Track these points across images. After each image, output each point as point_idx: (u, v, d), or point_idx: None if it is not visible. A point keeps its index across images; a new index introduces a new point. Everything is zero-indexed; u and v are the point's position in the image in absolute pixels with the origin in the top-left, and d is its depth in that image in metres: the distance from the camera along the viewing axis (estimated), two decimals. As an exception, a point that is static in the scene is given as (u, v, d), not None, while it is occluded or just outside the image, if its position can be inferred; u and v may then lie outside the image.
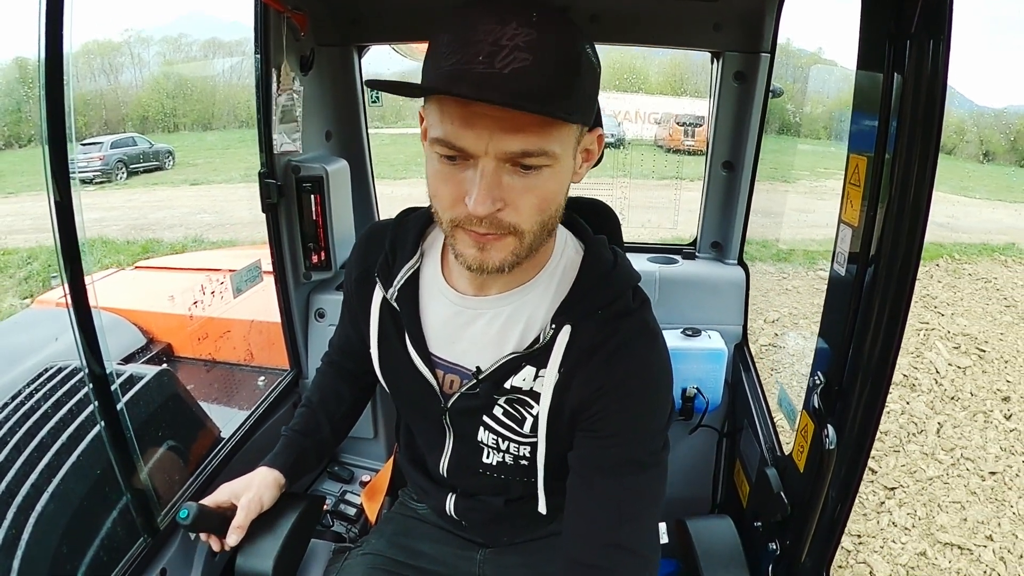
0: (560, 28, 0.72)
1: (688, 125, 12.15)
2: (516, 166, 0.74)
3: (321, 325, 1.84)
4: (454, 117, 0.72)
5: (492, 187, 0.74)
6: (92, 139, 12.18)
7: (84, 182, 11.15)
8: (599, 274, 0.92)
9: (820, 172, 11.10)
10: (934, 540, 3.07)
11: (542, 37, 0.70)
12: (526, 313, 0.92)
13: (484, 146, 0.72)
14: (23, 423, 1.48)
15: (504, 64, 0.69)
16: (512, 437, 0.98)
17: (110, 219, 9.34)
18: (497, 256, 0.80)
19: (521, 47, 0.69)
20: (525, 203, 0.77)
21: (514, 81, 0.69)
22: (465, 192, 0.75)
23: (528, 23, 0.70)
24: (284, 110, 1.55)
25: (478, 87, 0.69)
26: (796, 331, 5.28)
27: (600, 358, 0.89)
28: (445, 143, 0.74)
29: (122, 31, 22.32)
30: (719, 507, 1.93)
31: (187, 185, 12.24)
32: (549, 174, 0.76)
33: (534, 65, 0.70)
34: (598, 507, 0.88)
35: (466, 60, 0.70)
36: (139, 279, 3.31)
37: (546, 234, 0.83)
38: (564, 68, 0.73)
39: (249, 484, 1.06)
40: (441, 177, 0.77)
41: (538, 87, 0.70)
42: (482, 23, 0.70)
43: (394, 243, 1.01)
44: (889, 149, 0.86)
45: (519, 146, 0.72)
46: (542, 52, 0.70)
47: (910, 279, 0.87)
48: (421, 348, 0.98)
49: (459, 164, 0.75)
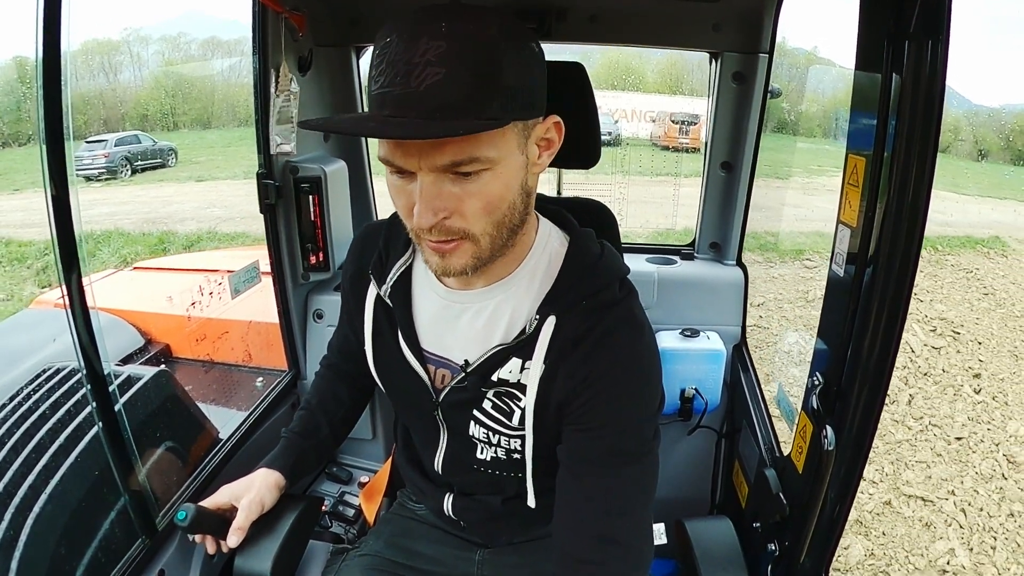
0: (471, 34, 0.72)
1: (683, 123, 12.60)
2: (455, 174, 0.76)
3: (319, 326, 1.84)
4: (387, 140, 0.76)
5: (431, 199, 0.76)
6: (97, 137, 12.31)
7: (88, 179, 11.43)
8: (584, 265, 0.92)
9: (813, 169, 11.32)
10: (899, 492, 3.33)
11: (452, 47, 0.71)
12: (511, 306, 0.93)
13: (416, 162, 0.75)
14: (21, 424, 1.47)
15: (419, 81, 0.70)
16: (502, 431, 0.98)
17: (121, 213, 9.62)
18: (458, 261, 0.83)
19: (432, 61, 0.70)
20: (469, 208, 0.78)
21: (429, 97, 0.71)
22: (414, 203, 0.78)
23: (438, 35, 0.71)
24: (280, 111, 1.55)
25: (396, 107, 0.72)
26: (780, 314, 5.62)
27: (585, 348, 0.89)
28: (387, 162, 0.77)
29: (121, 30, 22.35)
30: (718, 508, 1.93)
31: (193, 182, 12.45)
32: (489, 177, 0.78)
33: (446, 78, 0.70)
34: (588, 500, 0.88)
35: (387, 83, 0.72)
36: (137, 280, 3.30)
37: (507, 232, 0.84)
38: (481, 72, 0.72)
39: (250, 486, 1.06)
40: (395, 190, 0.81)
41: (454, 99, 0.71)
42: (398, 43, 0.72)
43: (387, 241, 1.03)
44: (888, 149, 0.85)
45: (448, 158, 0.74)
46: (454, 62, 0.71)
47: (909, 280, 0.87)
48: (412, 343, 0.99)
49: (405, 177, 0.78)
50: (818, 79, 13.86)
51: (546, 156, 0.87)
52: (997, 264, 7.96)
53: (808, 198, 9.20)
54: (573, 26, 1.63)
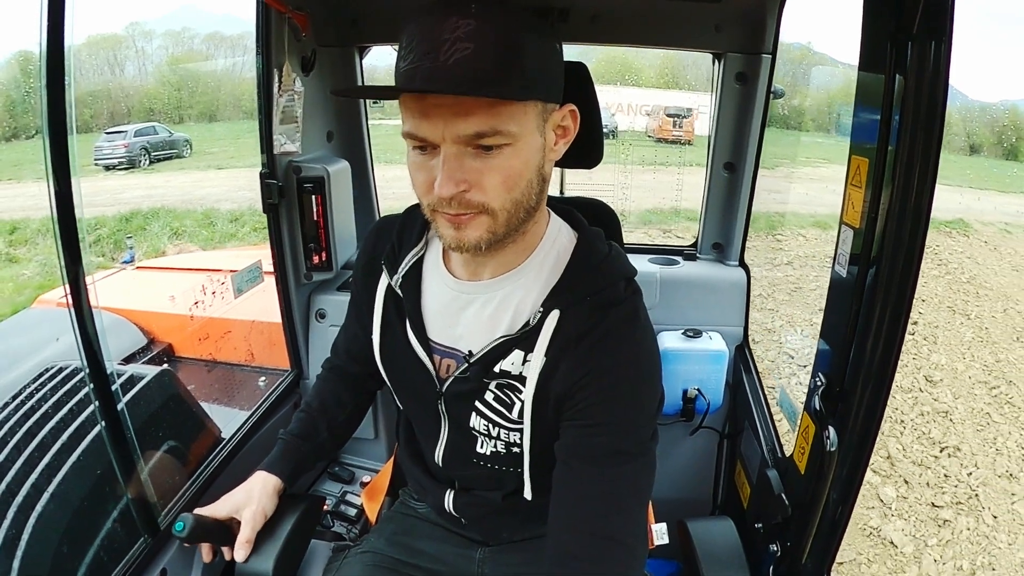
0: (498, 15, 0.77)
1: (676, 116, 13.13)
2: (477, 148, 0.80)
3: (322, 326, 1.84)
4: (414, 111, 0.79)
5: (454, 170, 0.79)
6: (117, 128, 13.19)
7: (108, 168, 12.19)
8: (591, 262, 0.94)
9: (800, 161, 11.87)
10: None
11: (481, 26, 0.76)
12: (517, 297, 0.94)
13: (441, 133, 0.78)
14: (24, 423, 1.48)
15: (448, 56, 0.75)
16: (502, 423, 0.99)
17: (157, 195, 10.50)
18: (473, 234, 0.84)
19: (462, 38, 0.75)
20: (489, 182, 0.81)
21: (457, 69, 0.75)
22: (434, 178, 0.80)
23: (468, 14, 0.76)
24: (284, 110, 1.55)
25: (427, 81, 0.76)
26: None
27: (586, 345, 0.90)
28: (411, 135, 0.81)
29: (127, 25, 22.55)
30: (720, 508, 1.93)
31: (214, 170, 13.13)
32: (510, 152, 0.81)
33: (474, 52, 0.75)
34: (584, 497, 0.88)
35: (417, 58, 0.77)
36: (140, 279, 3.31)
37: (523, 212, 0.86)
38: (505, 51, 0.77)
39: (250, 496, 1.05)
40: (415, 166, 0.84)
41: (480, 72, 0.76)
42: (429, 22, 0.77)
43: (401, 233, 1.05)
44: (890, 150, 0.85)
45: (472, 128, 0.77)
46: (482, 39, 0.76)
47: (911, 281, 0.87)
48: (420, 332, 1.00)
49: (428, 153, 0.82)
50: (812, 75, 14.23)
51: (562, 144, 0.90)
52: (957, 242, 9.24)
53: (790, 185, 9.90)
54: (575, 27, 1.63)
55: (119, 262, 7.95)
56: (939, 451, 4.12)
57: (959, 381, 5.07)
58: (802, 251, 8.01)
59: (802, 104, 13.04)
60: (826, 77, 14.72)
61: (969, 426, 4.44)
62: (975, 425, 4.45)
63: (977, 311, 6.65)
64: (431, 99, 0.77)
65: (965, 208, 10.69)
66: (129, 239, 8.52)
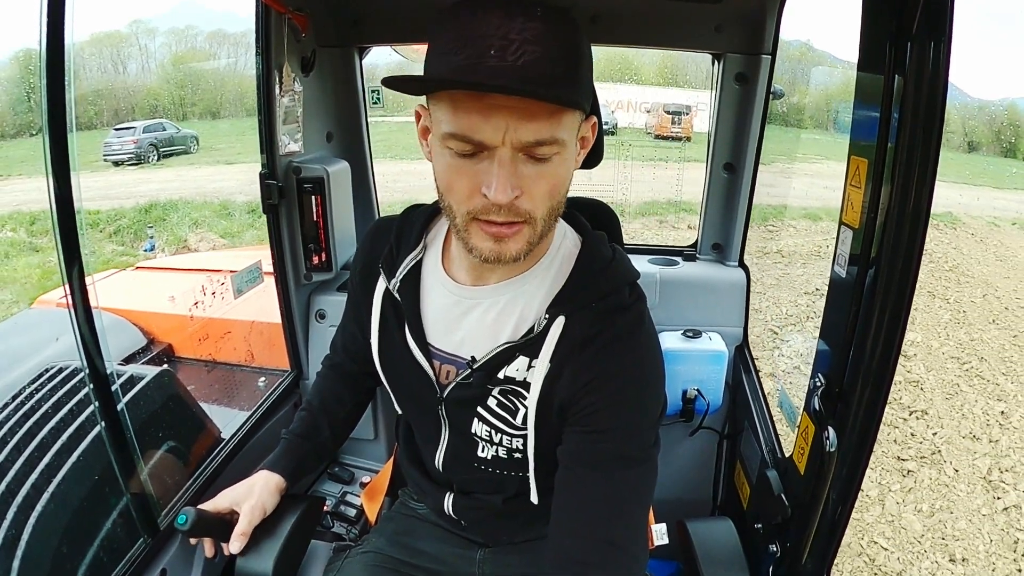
0: (564, 21, 0.76)
1: (675, 114, 13.50)
2: (529, 155, 0.77)
3: (322, 326, 1.84)
4: (470, 110, 0.74)
5: (511, 175, 0.77)
6: (126, 124, 13.65)
7: (116, 164, 12.57)
8: (596, 267, 0.93)
9: (797, 157, 12.20)
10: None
11: (548, 30, 0.74)
12: (521, 303, 0.94)
13: (501, 136, 0.74)
14: (23, 423, 1.47)
15: (516, 57, 0.72)
16: (505, 429, 0.98)
17: (171, 189, 10.84)
18: (514, 247, 0.83)
19: (530, 40, 0.73)
20: (538, 190, 0.80)
21: (528, 71, 0.72)
22: (481, 183, 0.78)
23: (534, 17, 0.73)
24: (286, 111, 1.55)
25: (494, 78, 0.72)
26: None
27: (591, 351, 0.89)
28: (462, 137, 0.76)
29: (130, 22, 22.71)
30: (720, 509, 1.93)
31: (223, 165, 13.41)
32: (559, 161, 0.79)
33: (544, 56, 0.73)
34: (586, 503, 0.87)
35: (477, 54, 0.73)
36: (140, 280, 3.31)
37: (554, 220, 0.86)
38: (570, 58, 0.76)
39: (251, 490, 1.06)
40: (455, 171, 0.79)
41: (550, 76, 0.74)
42: (489, 18, 0.73)
43: (399, 235, 1.03)
44: (890, 150, 0.85)
45: (535, 135, 0.75)
46: (550, 44, 0.74)
47: (911, 281, 0.87)
48: (419, 338, 0.99)
49: (474, 157, 0.78)
50: (811, 74, 14.46)
51: (582, 154, 0.89)
52: (944, 234, 9.56)
53: (785, 180, 10.29)
54: None
55: (141, 249, 8.54)
56: (908, 414, 4.34)
57: (932, 356, 5.32)
58: (791, 241, 8.48)
59: (801, 102, 13.29)
60: (824, 76, 15.02)
61: (938, 394, 4.64)
62: (944, 394, 4.66)
63: (957, 296, 6.90)
64: (493, 99, 0.73)
65: (955, 202, 10.99)
66: (150, 229, 9.30)
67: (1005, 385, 4.85)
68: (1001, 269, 8.27)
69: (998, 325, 6.16)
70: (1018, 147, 18.32)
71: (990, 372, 5.05)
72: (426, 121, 0.85)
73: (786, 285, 6.82)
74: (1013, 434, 4.14)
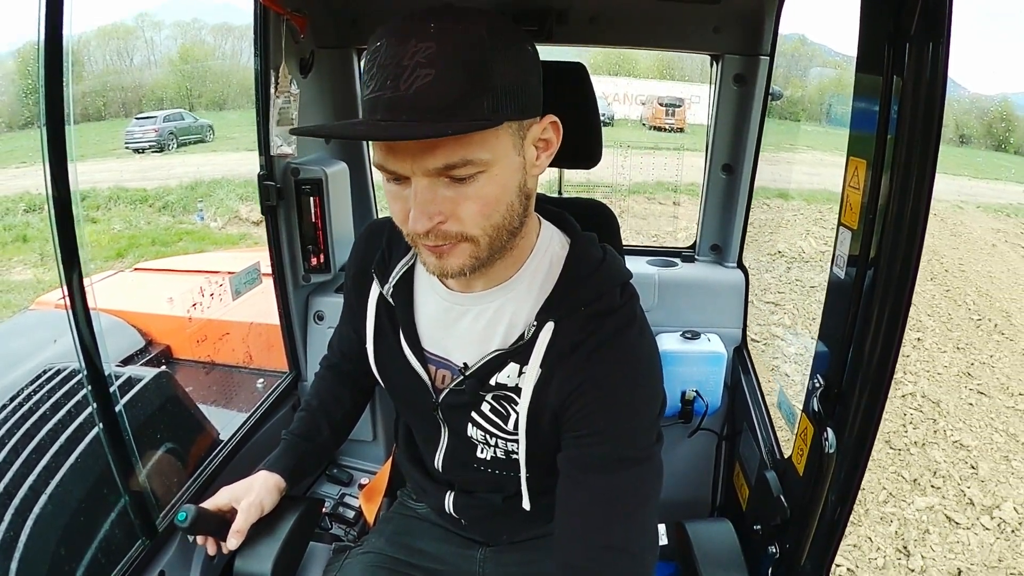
0: (460, 33, 0.71)
1: (669, 106, 14.03)
2: (449, 178, 0.75)
3: (320, 327, 1.84)
4: (379, 145, 0.76)
5: (426, 204, 0.76)
6: (147, 114, 14.42)
7: (138, 151, 13.29)
8: (585, 271, 0.92)
9: (785, 147, 12.61)
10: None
11: (441, 47, 0.70)
12: (510, 310, 0.93)
13: (409, 166, 0.74)
14: (21, 424, 1.47)
15: (408, 84, 0.70)
16: (498, 434, 0.98)
17: (205, 171, 11.58)
18: (455, 262, 0.82)
19: (423, 63, 0.70)
20: (465, 211, 0.78)
21: (419, 99, 0.70)
22: (409, 209, 0.77)
23: (427, 36, 0.70)
24: (281, 112, 1.55)
25: (388, 111, 0.71)
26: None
27: (580, 355, 0.88)
28: (381, 168, 0.77)
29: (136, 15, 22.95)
30: (718, 510, 1.93)
31: (245, 151, 14.02)
32: (485, 180, 0.77)
33: (436, 79, 0.70)
34: (588, 507, 0.87)
35: (378, 86, 0.72)
36: (138, 281, 3.30)
37: (506, 234, 0.83)
38: (471, 72, 0.71)
39: (249, 488, 1.06)
40: (391, 196, 0.80)
41: (444, 100, 0.70)
42: (389, 44, 0.71)
43: (391, 240, 1.02)
44: (888, 151, 0.85)
45: (441, 161, 0.73)
46: (443, 63, 0.70)
47: (910, 282, 0.87)
48: (414, 343, 0.99)
49: (401, 183, 0.78)
50: (804, 69, 14.77)
51: (544, 157, 0.85)
52: None
53: (770, 167, 11.44)
54: (573, 28, 1.63)
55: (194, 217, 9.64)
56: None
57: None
58: (762, 216, 9.19)
59: (793, 95, 13.65)
60: (817, 71, 15.36)
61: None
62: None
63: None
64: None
65: (939, 191, 11.91)
66: (200, 203, 10.25)
67: (926, 321, 6.13)
68: (951, 242, 9.30)
69: (936, 282, 7.29)
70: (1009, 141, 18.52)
71: (915, 312, 5.86)
72: None
73: (752, 249, 7.35)
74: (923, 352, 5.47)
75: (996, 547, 3.13)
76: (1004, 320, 6.39)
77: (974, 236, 9.93)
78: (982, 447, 4.08)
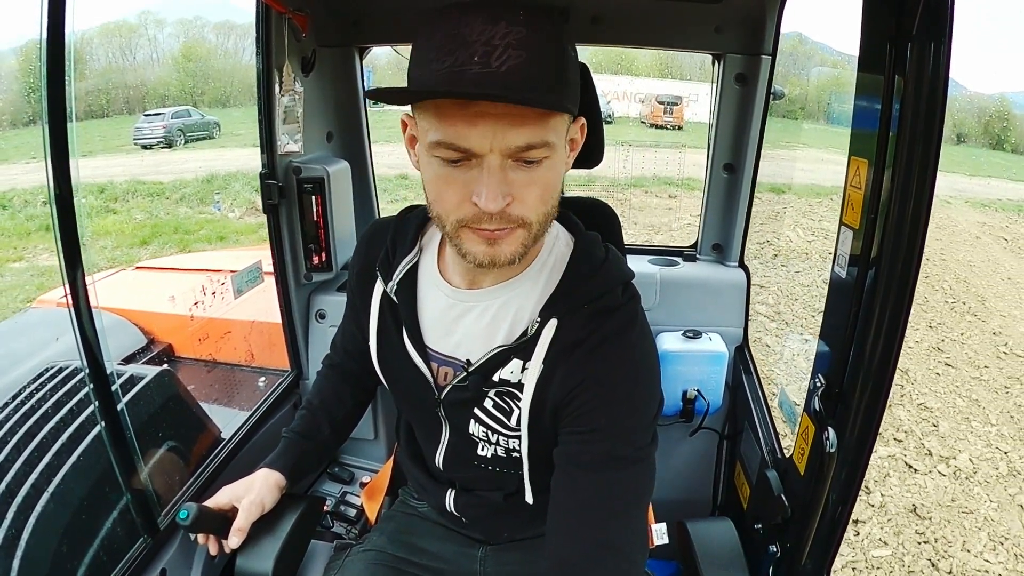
0: (547, 24, 0.75)
1: (667, 104, 14.40)
2: (518, 160, 0.76)
3: (322, 326, 1.84)
4: (456, 118, 0.73)
5: (501, 183, 0.76)
6: (155, 110, 14.55)
7: (146, 148, 13.47)
8: (588, 269, 0.93)
9: (780, 144, 12.78)
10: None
11: (532, 34, 0.72)
12: (515, 306, 0.94)
13: (489, 144, 0.74)
14: (23, 423, 1.48)
15: (500, 63, 0.71)
16: (500, 430, 0.99)
17: (218, 166, 11.89)
18: (508, 249, 0.82)
19: (514, 44, 0.72)
20: (530, 195, 0.79)
21: (512, 77, 0.71)
22: (471, 192, 0.77)
23: (517, 21, 0.72)
24: (287, 111, 1.55)
25: (478, 86, 0.71)
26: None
27: (583, 352, 0.89)
28: (449, 146, 0.75)
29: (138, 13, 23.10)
30: (719, 509, 1.93)
31: (251, 147, 13.92)
32: (548, 165, 0.79)
33: (528, 61, 0.72)
34: (581, 504, 0.87)
35: (461, 62, 0.72)
36: (140, 279, 3.31)
37: (549, 223, 0.85)
38: (555, 61, 0.75)
39: (250, 486, 1.06)
40: (444, 180, 0.79)
41: (535, 81, 0.73)
42: (472, 24, 0.72)
43: (395, 238, 1.03)
44: (890, 151, 0.85)
45: (523, 140, 0.74)
46: (534, 48, 0.73)
47: (911, 282, 0.87)
48: (417, 340, 0.99)
49: (462, 165, 0.77)
50: (803, 68, 14.88)
51: (571, 156, 0.88)
52: None
53: (766, 164, 11.02)
54: (576, 28, 1.63)
55: (212, 207, 9.92)
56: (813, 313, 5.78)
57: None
58: (755, 208, 9.62)
59: (791, 94, 13.87)
60: (815, 70, 15.50)
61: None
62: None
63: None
64: (479, 107, 0.72)
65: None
66: (217, 195, 10.54)
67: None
68: (936, 234, 9.41)
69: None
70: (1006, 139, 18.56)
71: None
72: (412, 130, 0.84)
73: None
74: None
75: (950, 489, 3.44)
76: (978, 304, 6.66)
77: (959, 229, 10.22)
78: (945, 409, 4.35)
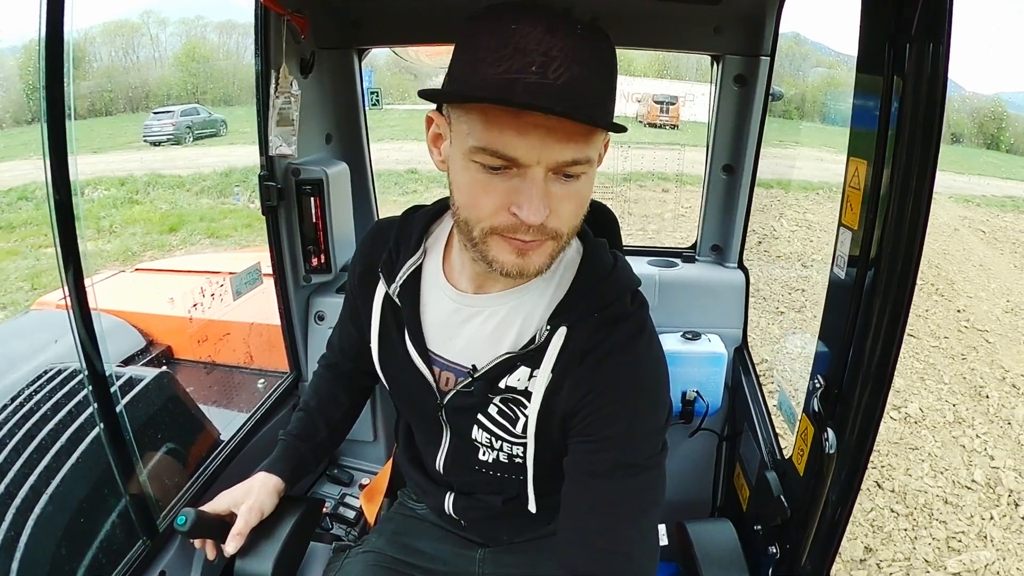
0: (603, 39, 0.75)
1: (663, 104, 14.65)
2: (559, 174, 0.76)
3: (321, 328, 1.84)
4: (505, 126, 0.72)
5: (544, 196, 0.75)
6: (164, 108, 14.82)
7: (156, 144, 13.73)
8: (597, 276, 0.92)
9: (774, 143, 13.23)
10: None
11: (590, 49, 0.73)
12: (523, 313, 0.92)
13: (537, 156, 0.73)
14: (22, 425, 1.47)
15: (557, 75, 0.70)
16: (505, 437, 0.98)
17: (232, 161, 12.22)
18: (538, 260, 0.81)
19: (572, 59, 0.71)
20: (567, 209, 0.79)
21: (569, 91, 0.71)
22: (511, 202, 0.76)
23: (574, 35, 0.72)
24: (281, 112, 1.55)
25: (537, 97, 0.70)
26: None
27: (592, 360, 0.89)
28: (494, 152, 0.74)
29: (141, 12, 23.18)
30: (719, 510, 1.93)
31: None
32: (586, 180, 0.79)
33: (584, 77, 0.72)
34: (593, 512, 0.87)
35: (517, 69, 0.70)
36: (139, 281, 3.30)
37: (573, 237, 0.85)
38: (608, 78, 0.76)
39: (249, 491, 1.06)
40: (482, 186, 0.77)
41: (589, 98, 0.73)
42: (530, 32, 0.71)
43: (398, 239, 1.01)
44: (889, 152, 0.85)
45: (570, 155, 0.74)
46: (591, 64, 0.73)
47: (910, 282, 0.87)
48: (419, 345, 0.98)
49: (503, 173, 0.76)
50: (799, 68, 15.00)
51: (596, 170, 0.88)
52: None
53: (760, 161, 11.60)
54: None
55: (231, 199, 10.21)
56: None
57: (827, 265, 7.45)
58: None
59: (787, 94, 14.02)
60: (812, 70, 15.65)
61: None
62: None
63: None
64: (530, 117, 0.71)
65: None
66: (237, 187, 10.91)
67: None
68: None
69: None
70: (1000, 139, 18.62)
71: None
72: (440, 129, 0.83)
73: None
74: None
75: (899, 431, 3.95)
76: (947, 286, 7.04)
77: (940, 222, 10.43)
78: (902, 369, 4.70)
